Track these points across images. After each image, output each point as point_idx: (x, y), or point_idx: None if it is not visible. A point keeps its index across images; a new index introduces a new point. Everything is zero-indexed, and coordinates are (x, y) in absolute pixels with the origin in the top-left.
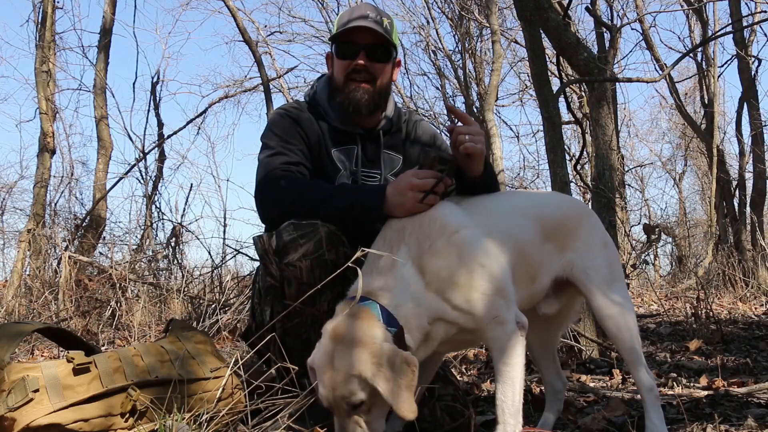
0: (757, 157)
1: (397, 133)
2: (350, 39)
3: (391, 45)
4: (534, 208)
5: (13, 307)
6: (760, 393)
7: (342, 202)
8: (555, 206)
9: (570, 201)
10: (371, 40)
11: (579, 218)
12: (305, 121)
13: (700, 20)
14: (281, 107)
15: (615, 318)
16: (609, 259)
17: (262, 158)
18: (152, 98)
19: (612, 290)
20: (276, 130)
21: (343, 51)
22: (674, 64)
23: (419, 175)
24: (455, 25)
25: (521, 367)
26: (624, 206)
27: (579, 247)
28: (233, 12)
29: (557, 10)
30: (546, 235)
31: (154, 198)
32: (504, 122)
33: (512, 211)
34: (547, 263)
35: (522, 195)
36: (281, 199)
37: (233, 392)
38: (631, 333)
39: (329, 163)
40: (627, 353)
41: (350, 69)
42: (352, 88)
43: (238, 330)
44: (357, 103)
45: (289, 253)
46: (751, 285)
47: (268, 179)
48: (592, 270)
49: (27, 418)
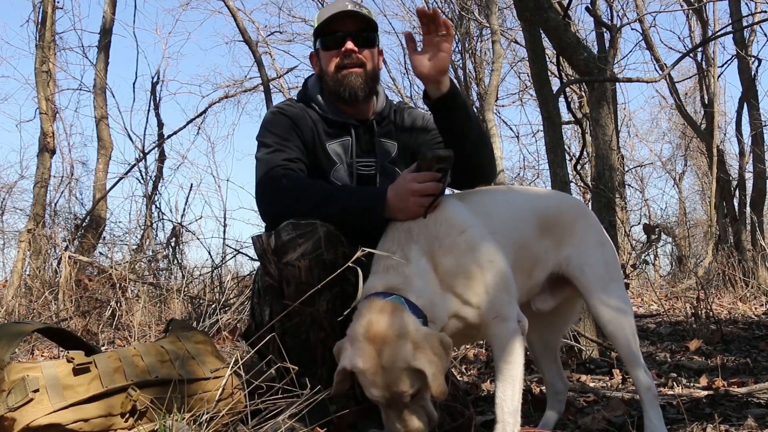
0: (757, 157)
1: (388, 123)
2: (335, 28)
3: (375, 30)
4: (532, 203)
5: (13, 307)
6: (760, 393)
7: (343, 203)
8: (552, 203)
9: (567, 198)
10: (356, 26)
11: (575, 215)
12: (299, 117)
13: (700, 20)
14: (275, 106)
15: (611, 317)
16: (606, 258)
17: (260, 156)
18: (152, 98)
19: (609, 289)
20: (272, 128)
21: (329, 42)
22: (674, 64)
23: (419, 179)
24: (455, 25)
25: (521, 366)
26: (624, 206)
27: (575, 244)
28: (233, 12)
29: (557, 10)
30: (543, 230)
31: (154, 198)
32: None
33: (511, 207)
34: (543, 258)
35: (520, 191)
36: (283, 197)
37: (233, 392)
38: (627, 332)
39: (324, 156)
40: (624, 352)
41: (339, 57)
42: (345, 74)
43: (238, 330)
44: (353, 87)
45: (287, 252)
46: (751, 285)
47: (268, 177)
48: (588, 267)
49: (27, 418)
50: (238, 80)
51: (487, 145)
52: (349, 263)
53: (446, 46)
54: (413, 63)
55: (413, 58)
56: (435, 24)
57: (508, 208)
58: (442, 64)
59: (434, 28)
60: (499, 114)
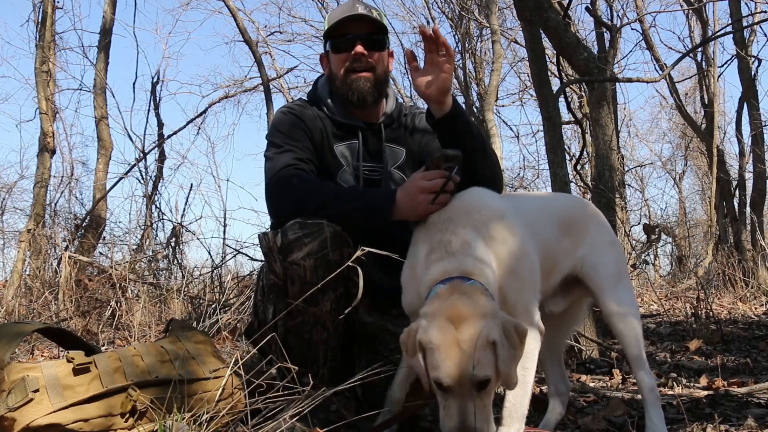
0: (757, 157)
1: (398, 127)
2: (345, 31)
3: (384, 33)
4: (549, 204)
5: (13, 307)
6: (760, 393)
7: (352, 204)
8: (566, 204)
9: (580, 201)
10: (366, 29)
11: (587, 215)
12: (308, 117)
13: (700, 20)
14: (285, 105)
15: (621, 316)
16: (617, 257)
17: (269, 156)
18: (152, 98)
19: (619, 288)
20: (281, 128)
21: (339, 45)
22: (674, 64)
23: (427, 177)
24: (455, 25)
25: (534, 372)
26: (624, 206)
27: (588, 243)
28: (233, 12)
29: (557, 10)
30: (563, 231)
31: (154, 198)
32: (504, 122)
33: (538, 207)
34: (561, 259)
35: (532, 194)
36: (292, 196)
37: (233, 392)
38: (636, 331)
39: (332, 158)
40: (630, 351)
41: (349, 60)
42: (354, 78)
43: (238, 330)
44: (361, 91)
45: (293, 251)
46: (751, 285)
47: (278, 177)
48: (602, 266)
49: (27, 418)
50: (238, 80)
51: (493, 163)
52: (349, 263)
53: (447, 67)
54: (415, 83)
55: (414, 78)
56: (436, 44)
57: (535, 208)
58: (443, 85)
59: (435, 48)
60: (499, 114)
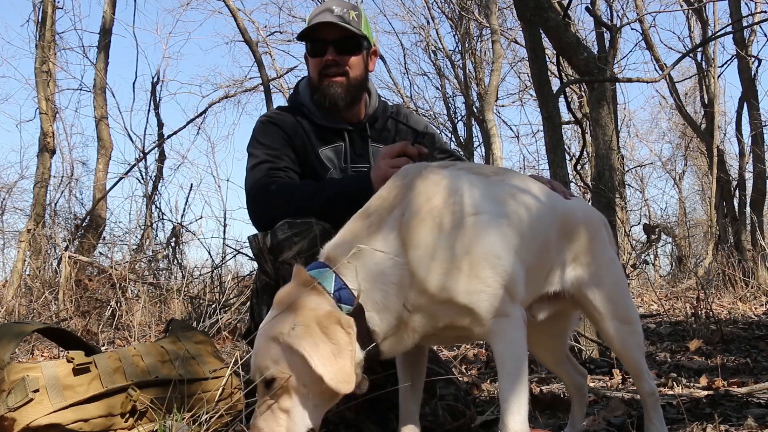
0: (757, 157)
1: (383, 125)
2: (317, 36)
3: (359, 37)
4: (555, 204)
5: (13, 307)
6: (760, 393)
7: (331, 192)
8: (574, 209)
9: (587, 207)
10: (338, 35)
11: (592, 229)
12: (288, 125)
13: (700, 20)
14: (263, 115)
15: (619, 337)
16: (617, 277)
17: (248, 167)
18: (152, 98)
19: (618, 309)
20: (261, 139)
21: (312, 49)
22: (674, 64)
23: (392, 147)
24: (455, 25)
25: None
26: (624, 206)
27: (589, 263)
28: (233, 12)
29: (557, 10)
30: (561, 236)
31: (154, 198)
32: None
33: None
34: (555, 268)
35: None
36: (272, 203)
37: (233, 392)
38: (635, 351)
39: (317, 163)
40: (630, 366)
41: (321, 65)
42: (326, 83)
43: (238, 330)
44: (332, 97)
45: (283, 251)
46: (751, 285)
47: (257, 186)
48: (601, 289)
49: (27, 418)
50: (238, 80)
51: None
52: (346, 260)
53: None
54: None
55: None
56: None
57: (536, 204)
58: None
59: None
60: (499, 114)
